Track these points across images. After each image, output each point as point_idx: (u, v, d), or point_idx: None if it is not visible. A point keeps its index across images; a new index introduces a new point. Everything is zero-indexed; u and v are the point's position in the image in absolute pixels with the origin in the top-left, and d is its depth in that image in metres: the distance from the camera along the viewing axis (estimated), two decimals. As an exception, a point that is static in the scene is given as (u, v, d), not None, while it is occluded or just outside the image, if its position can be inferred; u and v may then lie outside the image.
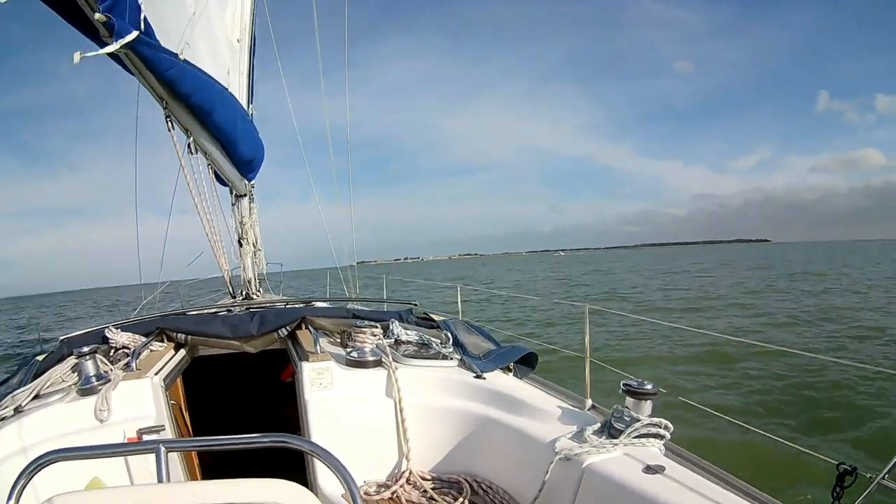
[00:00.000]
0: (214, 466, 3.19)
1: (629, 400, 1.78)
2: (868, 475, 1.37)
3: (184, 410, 2.74)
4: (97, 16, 1.79)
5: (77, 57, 1.91)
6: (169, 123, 2.81)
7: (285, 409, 2.82)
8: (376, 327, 2.61)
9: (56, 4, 1.96)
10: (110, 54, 1.98)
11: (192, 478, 2.43)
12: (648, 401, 1.76)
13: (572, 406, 2.18)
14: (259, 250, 6.08)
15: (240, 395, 3.75)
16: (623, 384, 1.80)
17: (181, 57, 2.68)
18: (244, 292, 5.56)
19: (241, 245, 5.68)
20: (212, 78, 3.19)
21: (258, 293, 5.70)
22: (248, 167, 4.82)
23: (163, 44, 2.41)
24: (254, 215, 5.85)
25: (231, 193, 5.57)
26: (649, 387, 1.74)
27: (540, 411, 2.11)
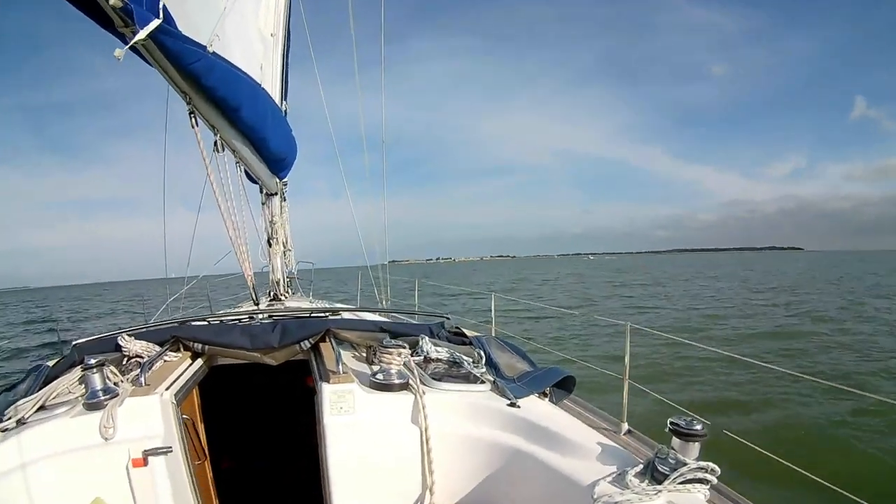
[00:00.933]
0: (231, 479, 3.06)
1: (675, 441, 1.60)
2: None
3: (198, 424, 2.61)
4: (112, 1, 1.64)
5: (119, 53, 1.78)
6: (193, 120, 2.66)
7: (304, 419, 2.66)
8: (404, 347, 2.41)
9: None
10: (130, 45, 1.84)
11: (203, 493, 2.29)
12: (697, 443, 1.58)
13: (610, 436, 2.06)
14: (289, 250, 5.99)
15: (259, 405, 3.65)
16: (670, 423, 1.61)
17: (210, 49, 2.53)
18: (272, 293, 5.49)
19: (270, 245, 5.60)
20: (243, 72, 3.05)
21: (286, 294, 5.62)
22: (279, 165, 4.68)
23: (189, 34, 2.26)
24: (284, 214, 5.75)
25: (261, 192, 5.48)
26: (698, 427, 1.56)
27: (577, 445, 1.91)
